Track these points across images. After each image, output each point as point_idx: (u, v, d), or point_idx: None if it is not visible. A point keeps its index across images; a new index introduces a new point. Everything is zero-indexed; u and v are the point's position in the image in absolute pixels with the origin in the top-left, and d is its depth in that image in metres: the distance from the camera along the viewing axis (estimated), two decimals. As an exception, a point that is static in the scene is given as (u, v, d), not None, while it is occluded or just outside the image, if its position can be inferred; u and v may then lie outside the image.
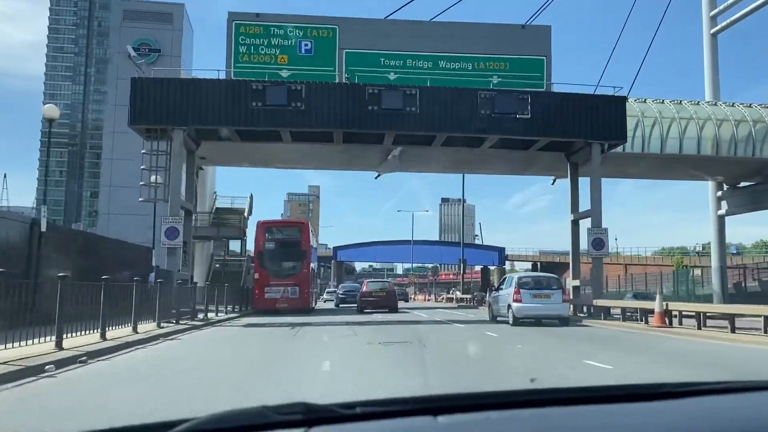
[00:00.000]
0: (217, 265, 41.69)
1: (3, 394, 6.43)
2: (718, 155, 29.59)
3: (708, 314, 14.64)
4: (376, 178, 33.21)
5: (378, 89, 21.38)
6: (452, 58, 23.40)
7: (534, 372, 8.33)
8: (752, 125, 29.78)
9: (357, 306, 27.93)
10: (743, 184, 33.21)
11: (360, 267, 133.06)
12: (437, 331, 16.95)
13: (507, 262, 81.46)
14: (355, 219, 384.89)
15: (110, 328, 12.32)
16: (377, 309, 26.70)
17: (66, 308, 10.03)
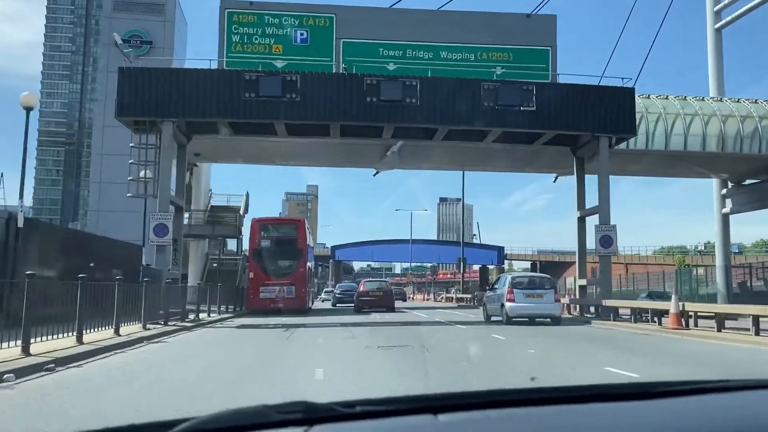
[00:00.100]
0: (213, 265, 40.88)
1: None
2: (724, 152, 29.04)
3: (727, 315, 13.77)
4: (375, 176, 32.58)
5: (377, 80, 20.40)
6: (454, 49, 22.43)
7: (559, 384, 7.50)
8: (758, 121, 29.20)
9: (354, 305, 28.29)
10: (748, 182, 32.66)
11: (358, 266, 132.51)
12: (439, 333, 16.34)
13: (506, 262, 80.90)
14: (354, 219, 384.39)
15: (90, 331, 11.56)
16: (374, 308, 27.05)
17: (40, 309, 9.34)
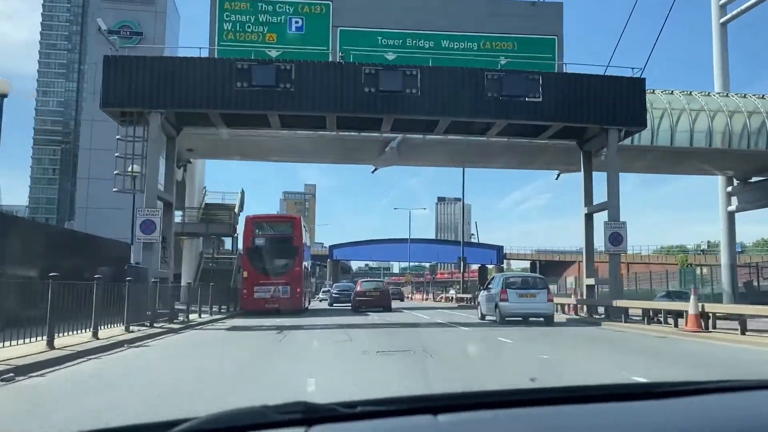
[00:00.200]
0: (208, 264, 39.94)
1: None
2: (730, 148, 28.30)
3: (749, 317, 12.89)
4: (373, 172, 31.80)
5: (375, 69, 19.41)
6: (456, 38, 21.48)
7: None
8: (765, 117, 28.46)
9: (351, 305, 28.37)
10: (755, 179, 31.93)
11: (356, 266, 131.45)
12: (441, 335, 15.52)
13: (505, 261, 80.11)
14: (352, 218, 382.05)
15: (64, 334, 10.63)
16: (371, 308, 27.20)
17: (11, 311, 8.47)
